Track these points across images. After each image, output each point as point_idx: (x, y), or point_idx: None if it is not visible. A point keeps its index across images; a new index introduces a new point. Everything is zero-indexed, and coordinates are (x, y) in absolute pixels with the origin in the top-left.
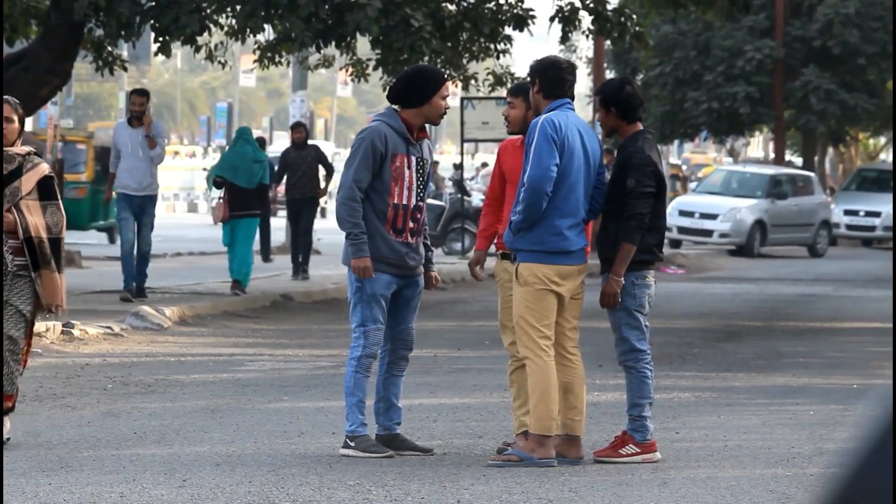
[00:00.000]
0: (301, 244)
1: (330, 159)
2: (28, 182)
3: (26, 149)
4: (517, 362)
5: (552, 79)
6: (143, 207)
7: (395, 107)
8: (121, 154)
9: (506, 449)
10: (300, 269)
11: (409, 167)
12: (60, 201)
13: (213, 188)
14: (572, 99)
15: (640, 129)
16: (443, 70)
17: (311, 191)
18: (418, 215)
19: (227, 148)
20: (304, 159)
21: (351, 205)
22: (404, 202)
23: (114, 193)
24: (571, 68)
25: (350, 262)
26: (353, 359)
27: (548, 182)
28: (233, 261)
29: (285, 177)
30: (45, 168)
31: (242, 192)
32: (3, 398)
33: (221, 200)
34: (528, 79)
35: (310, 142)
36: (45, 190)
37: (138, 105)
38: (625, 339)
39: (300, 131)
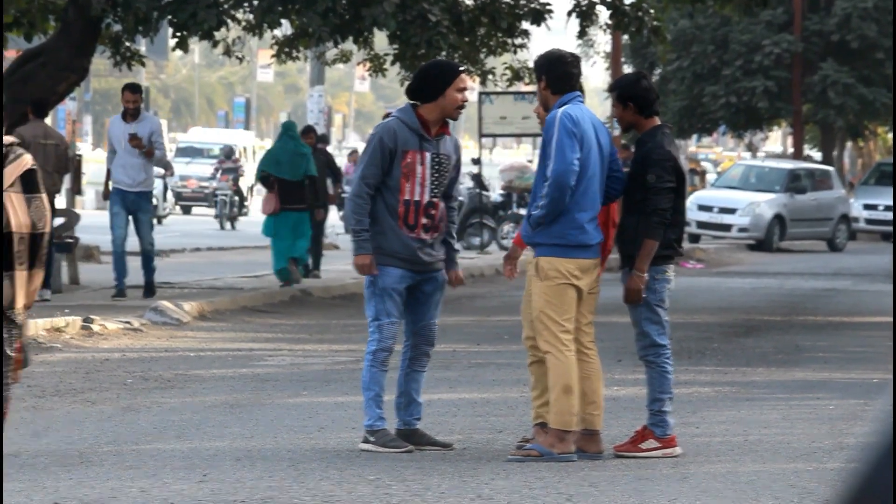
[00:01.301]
0: (311, 248)
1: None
2: (10, 175)
3: (9, 139)
4: (533, 356)
5: (559, 75)
6: (138, 204)
7: (415, 102)
8: (115, 149)
9: (524, 445)
10: (315, 267)
11: (423, 163)
12: (44, 195)
13: (260, 183)
14: (581, 91)
15: (657, 123)
16: (459, 63)
17: (321, 196)
18: (432, 211)
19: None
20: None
21: (357, 201)
22: (416, 198)
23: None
24: (576, 61)
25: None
26: (369, 353)
27: (572, 176)
28: (278, 255)
29: None
30: (28, 160)
31: (289, 185)
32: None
33: (270, 193)
34: (536, 72)
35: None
36: (28, 182)
37: (131, 102)
38: (645, 333)
39: (311, 136)
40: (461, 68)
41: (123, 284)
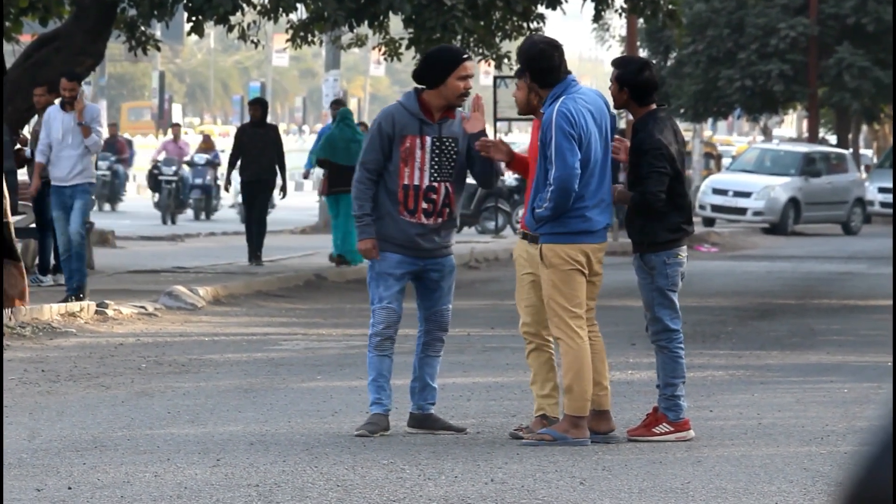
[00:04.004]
0: (254, 230)
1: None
2: None
3: None
4: (529, 345)
5: (544, 70)
6: (73, 196)
7: (421, 87)
8: (51, 142)
9: (518, 433)
10: (253, 255)
11: (422, 148)
12: (3, 178)
13: (317, 167)
14: (569, 73)
15: (651, 109)
16: (464, 50)
17: (266, 174)
18: (433, 196)
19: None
20: (260, 138)
21: (358, 186)
22: (415, 183)
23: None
24: (556, 49)
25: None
26: (368, 337)
27: (575, 180)
28: (336, 236)
29: (239, 158)
30: None
31: (342, 169)
32: None
33: (324, 177)
34: (519, 62)
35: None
36: None
37: (68, 90)
38: (658, 318)
39: (256, 108)
40: (465, 56)
41: (73, 289)
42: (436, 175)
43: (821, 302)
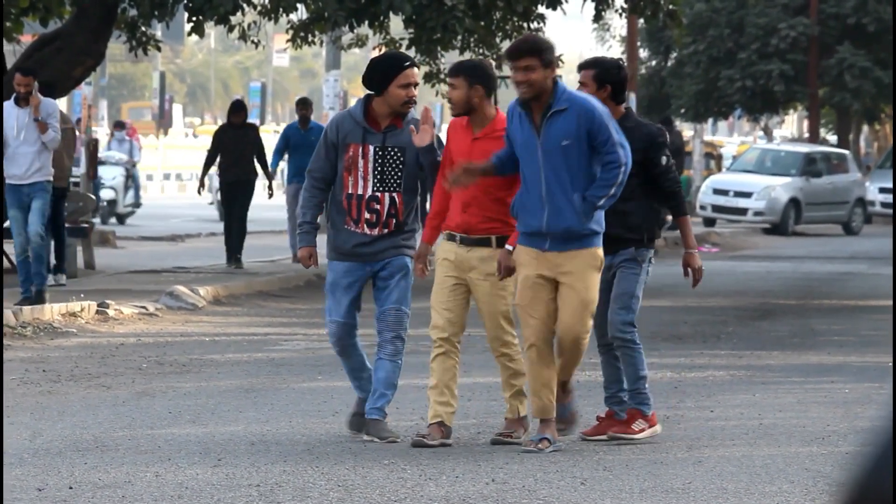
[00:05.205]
0: (234, 231)
1: None
2: None
3: None
4: (438, 349)
5: (555, 62)
6: (31, 195)
7: (372, 93)
8: (7, 138)
9: (422, 440)
10: (233, 256)
11: (365, 156)
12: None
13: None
14: None
15: (623, 110)
16: (408, 57)
17: (246, 174)
18: (376, 206)
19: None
20: (240, 139)
21: (304, 195)
22: (359, 192)
23: None
24: None
25: None
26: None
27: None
28: None
29: (219, 158)
30: None
31: None
32: None
33: None
34: (538, 55)
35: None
36: None
37: (24, 86)
38: (632, 309)
39: (241, 114)
40: (407, 63)
41: (31, 291)
42: (378, 185)
43: (822, 302)
